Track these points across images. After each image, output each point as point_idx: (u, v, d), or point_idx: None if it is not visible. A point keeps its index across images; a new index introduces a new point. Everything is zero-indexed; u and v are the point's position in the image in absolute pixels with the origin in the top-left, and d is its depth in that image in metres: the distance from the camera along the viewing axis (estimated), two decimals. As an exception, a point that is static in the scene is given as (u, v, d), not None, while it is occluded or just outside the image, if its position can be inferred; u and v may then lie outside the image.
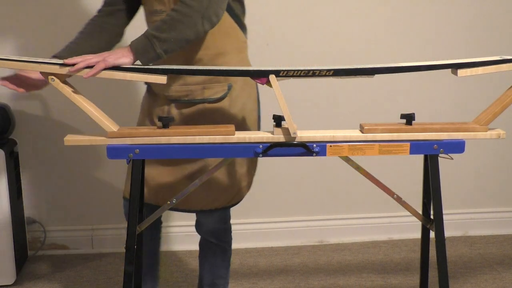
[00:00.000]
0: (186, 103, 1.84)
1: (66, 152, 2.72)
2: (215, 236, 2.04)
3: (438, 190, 1.74)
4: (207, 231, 2.03)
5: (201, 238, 2.08)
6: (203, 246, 2.09)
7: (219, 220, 2.02)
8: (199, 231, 2.05)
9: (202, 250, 2.10)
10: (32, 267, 2.69)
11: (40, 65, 1.59)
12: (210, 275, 2.09)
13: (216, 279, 2.10)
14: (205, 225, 2.01)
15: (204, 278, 2.11)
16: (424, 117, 2.16)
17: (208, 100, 1.83)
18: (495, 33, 2.81)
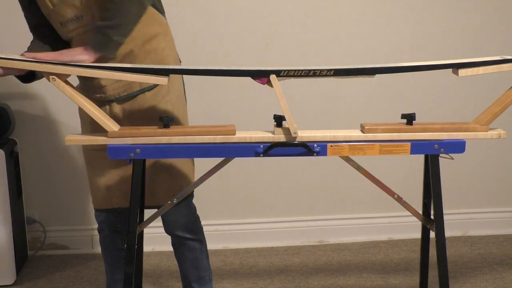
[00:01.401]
0: (126, 98, 1.83)
1: (66, 152, 2.71)
2: (189, 230, 2.02)
3: (438, 190, 1.75)
4: (180, 226, 2.00)
5: (175, 239, 2.05)
6: (179, 245, 2.06)
7: (188, 212, 2.01)
8: (172, 229, 2.02)
9: (179, 250, 2.07)
10: (32, 267, 2.69)
11: (41, 64, 1.59)
12: (194, 270, 2.07)
13: (201, 272, 2.08)
14: (177, 221, 1.99)
15: (189, 276, 2.08)
16: (424, 117, 2.16)
17: (146, 89, 1.84)
18: (495, 33, 2.81)
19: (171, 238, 2.07)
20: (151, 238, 2.80)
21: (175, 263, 2.72)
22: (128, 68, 1.63)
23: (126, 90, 1.82)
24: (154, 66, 1.65)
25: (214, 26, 2.68)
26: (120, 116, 1.84)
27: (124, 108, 1.84)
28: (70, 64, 1.61)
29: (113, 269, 2.10)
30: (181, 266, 2.10)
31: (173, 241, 2.08)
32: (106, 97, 1.83)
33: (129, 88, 1.82)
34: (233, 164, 1.84)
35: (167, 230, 2.04)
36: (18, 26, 2.58)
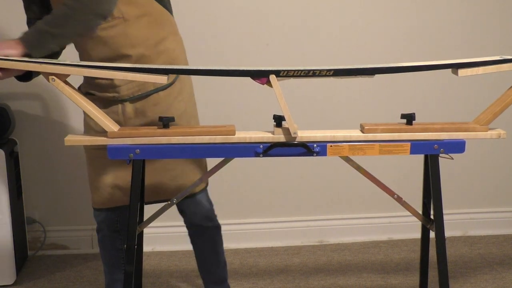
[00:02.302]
0: (139, 98, 1.85)
1: (66, 152, 2.71)
2: (208, 218, 2.07)
3: (438, 190, 1.75)
4: (201, 217, 2.05)
5: (195, 229, 2.09)
6: (199, 234, 2.09)
7: (207, 201, 2.05)
8: (194, 220, 2.05)
9: (199, 239, 2.10)
10: (32, 267, 2.69)
11: (41, 65, 1.59)
12: (214, 255, 2.13)
13: (220, 256, 2.15)
14: (198, 212, 2.04)
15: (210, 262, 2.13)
16: (424, 117, 2.16)
17: (160, 88, 1.86)
18: (495, 33, 2.81)
19: (191, 229, 2.12)
20: (151, 238, 2.81)
21: (175, 263, 2.73)
22: (127, 68, 1.63)
23: (140, 89, 1.84)
24: (154, 65, 1.65)
25: (214, 26, 2.68)
26: (132, 115, 1.85)
27: (136, 107, 1.86)
28: (70, 64, 1.61)
29: (112, 270, 2.11)
30: (201, 254, 2.14)
31: (192, 232, 2.12)
32: (120, 97, 1.84)
33: (143, 88, 1.84)
34: (233, 164, 1.84)
35: (188, 222, 2.09)
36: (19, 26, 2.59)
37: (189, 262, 2.74)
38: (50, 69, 1.60)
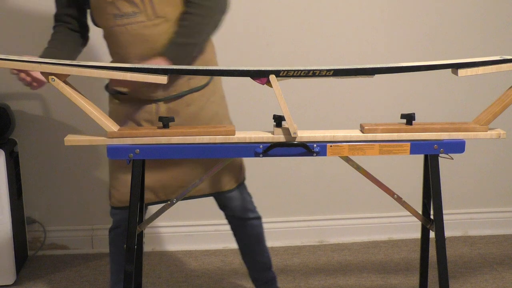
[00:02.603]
0: (174, 98, 1.89)
1: (66, 152, 2.72)
2: (250, 210, 2.12)
3: (438, 190, 1.75)
4: (243, 209, 2.10)
5: (238, 222, 2.13)
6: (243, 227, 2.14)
7: (246, 193, 2.12)
8: (236, 213, 2.10)
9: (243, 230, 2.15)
10: (32, 267, 2.69)
11: (40, 65, 1.59)
12: (258, 245, 2.18)
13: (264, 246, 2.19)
14: (240, 205, 2.09)
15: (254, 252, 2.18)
16: (424, 117, 2.16)
17: (195, 89, 1.91)
18: (495, 33, 2.81)
19: (233, 223, 2.15)
20: (151, 238, 2.81)
21: (175, 263, 2.73)
22: (127, 68, 1.63)
23: (175, 90, 1.88)
24: (153, 66, 1.65)
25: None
26: (164, 115, 1.87)
27: (170, 107, 1.89)
28: (70, 64, 1.61)
29: (121, 269, 2.10)
30: (245, 246, 2.19)
31: (235, 225, 2.16)
32: (155, 96, 1.88)
33: (179, 88, 1.88)
34: (232, 164, 1.84)
35: (230, 217, 2.14)
36: (18, 27, 2.59)
37: (189, 262, 2.74)
38: (50, 69, 1.59)
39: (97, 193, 2.80)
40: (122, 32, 1.82)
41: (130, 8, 1.79)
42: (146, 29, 1.81)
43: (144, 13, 1.80)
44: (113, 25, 1.82)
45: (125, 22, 1.80)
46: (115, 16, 1.81)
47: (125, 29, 1.81)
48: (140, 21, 1.80)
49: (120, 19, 1.81)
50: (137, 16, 1.80)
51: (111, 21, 1.82)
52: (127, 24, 1.81)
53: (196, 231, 2.86)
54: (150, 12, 1.80)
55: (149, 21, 1.80)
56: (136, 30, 1.81)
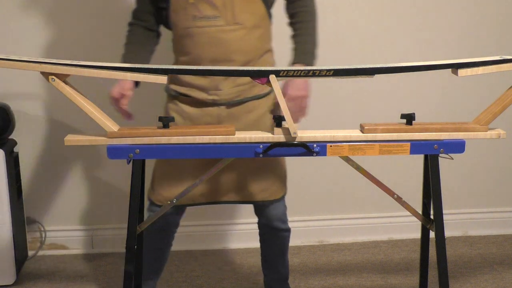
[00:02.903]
0: (237, 103, 1.92)
1: (66, 152, 2.72)
2: (283, 221, 2.14)
3: (438, 190, 1.75)
4: (278, 218, 2.12)
5: (269, 230, 2.15)
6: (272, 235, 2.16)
7: (284, 204, 2.13)
8: (271, 222, 2.12)
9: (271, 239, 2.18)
10: (32, 267, 2.69)
11: (41, 65, 1.59)
12: (281, 257, 2.21)
13: (286, 258, 2.23)
14: (277, 214, 2.11)
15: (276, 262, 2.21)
16: (424, 117, 2.16)
17: (257, 96, 1.95)
18: (495, 33, 2.81)
19: (264, 230, 2.18)
20: (151, 238, 2.80)
21: (175, 263, 2.73)
22: (127, 68, 1.63)
23: (239, 95, 1.92)
24: (153, 65, 1.65)
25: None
26: (226, 119, 1.92)
27: (231, 112, 1.93)
28: (70, 64, 1.61)
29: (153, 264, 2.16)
30: (269, 254, 2.22)
31: (265, 233, 2.19)
32: (218, 100, 1.91)
33: (243, 93, 1.92)
34: (232, 164, 1.84)
35: (263, 224, 2.16)
36: (18, 28, 2.59)
37: (189, 262, 2.74)
38: (50, 69, 1.60)
39: (97, 193, 2.80)
40: (199, 34, 1.85)
41: (211, 12, 1.83)
42: (223, 33, 1.85)
43: (224, 17, 1.84)
44: (191, 26, 1.86)
45: (204, 24, 1.84)
46: (194, 17, 1.84)
47: (202, 31, 1.85)
48: (219, 25, 1.84)
49: (199, 20, 1.84)
50: (217, 20, 1.84)
51: (189, 22, 1.85)
52: (206, 27, 1.84)
53: (196, 231, 2.86)
54: (229, 17, 1.84)
55: (227, 26, 1.84)
56: (213, 33, 1.84)
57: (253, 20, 1.88)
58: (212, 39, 1.85)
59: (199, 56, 1.87)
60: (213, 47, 1.85)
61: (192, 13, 1.84)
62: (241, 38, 1.87)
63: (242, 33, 1.87)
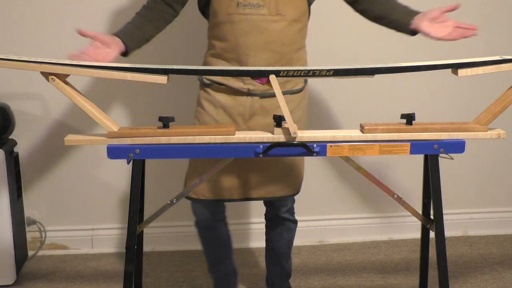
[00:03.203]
0: (270, 95, 1.92)
1: (66, 152, 2.71)
2: (290, 212, 2.20)
3: (438, 190, 1.75)
4: (286, 209, 2.17)
5: (276, 220, 2.19)
6: (279, 225, 2.21)
7: (293, 198, 2.18)
8: (278, 211, 2.16)
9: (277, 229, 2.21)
10: (32, 267, 2.69)
11: (40, 65, 1.59)
12: (286, 249, 2.25)
13: (290, 251, 2.27)
14: (286, 204, 2.16)
15: (281, 254, 2.25)
16: (424, 117, 2.16)
17: (290, 91, 1.96)
18: (495, 33, 2.81)
19: (272, 220, 2.21)
20: (151, 238, 2.81)
21: (175, 263, 2.73)
22: (127, 68, 1.63)
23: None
24: (153, 65, 1.65)
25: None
26: (258, 111, 1.93)
27: (263, 105, 1.93)
28: (70, 64, 1.61)
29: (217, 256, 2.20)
30: (274, 247, 2.25)
31: (273, 223, 2.22)
32: (253, 90, 1.92)
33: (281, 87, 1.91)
34: (232, 164, 1.84)
35: (273, 214, 2.20)
36: (18, 27, 2.59)
37: (189, 262, 2.74)
38: (49, 69, 1.60)
39: (97, 193, 2.80)
40: (241, 21, 1.87)
41: (256, 0, 1.85)
42: (265, 23, 1.86)
43: (268, 7, 1.86)
44: (233, 12, 1.87)
45: (247, 12, 1.86)
46: (238, 4, 1.86)
47: (244, 18, 1.86)
48: (262, 14, 1.86)
49: (242, 8, 1.86)
50: (260, 9, 1.86)
51: (232, 8, 1.87)
52: (248, 14, 1.86)
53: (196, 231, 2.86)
54: (272, 8, 1.86)
55: (270, 16, 1.86)
56: (255, 21, 1.86)
57: (295, 14, 1.90)
58: (253, 27, 1.86)
59: (237, 43, 1.88)
60: (253, 36, 1.87)
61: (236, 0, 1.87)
62: (281, 30, 1.88)
63: (283, 24, 1.88)
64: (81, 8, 2.58)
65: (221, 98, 1.95)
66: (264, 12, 1.86)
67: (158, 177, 2.73)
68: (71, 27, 2.60)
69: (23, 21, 2.58)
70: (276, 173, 2.03)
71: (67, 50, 2.65)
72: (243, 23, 1.86)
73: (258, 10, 1.86)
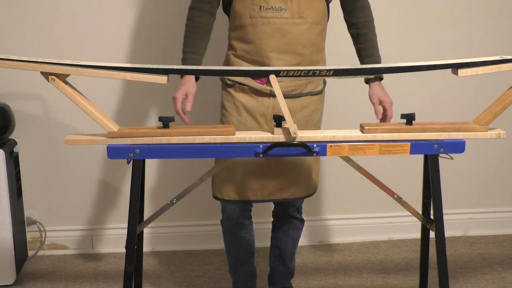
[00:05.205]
0: (291, 96, 1.95)
1: (66, 152, 2.71)
2: (298, 210, 2.23)
3: (438, 190, 1.75)
4: (295, 209, 2.21)
5: (284, 217, 2.22)
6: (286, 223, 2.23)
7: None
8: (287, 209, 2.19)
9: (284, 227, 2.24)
10: (32, 267, 2.69)
11: (41, 65, 1.59)
12: (291, 247, 2.27)
13: (295, 250, 2.29)
14: (295, 203, 2.19)
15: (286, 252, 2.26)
16: (424, 117, 2.16)
17: (311, 93, 2.00)
18: (495, 33, 2.81)
19: (280, 217, 2.23)
20: (151, 238, 2.81)
21: (175, 263, 2.72)
22: (127, 68, 1.63)
23: (296, 89, 1.98)
24: (153, 65, 1.65)
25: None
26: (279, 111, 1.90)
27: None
28: (70, 64, 1.61)
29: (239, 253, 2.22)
30: (280, 246, 2.26)
31: (280, 220, 2.24)
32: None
33: (299, 88, 1.97)
34: (232, 164, 1.84)
35: (281, 211, 2.22)
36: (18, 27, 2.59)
37: (189, 262, 2.74)
38: (50, 69, 1.60)
39: (97, 193, 2.80)
40: (263, 24, 1.89)
41: (279, 3, 1.88)
42: (287, 25, 1.89)
43: (290, 10, 1.89)
44: (256, 15, 1.90)
45: (269, 15, 1.89)
46: (260, 8, 1.88)
47: (267, 21, 1.89)
48: (284, 17, 1.89)
49: (265, 11, 1.89)
50: (283, 12, 1.89)
51: (255, 12, 1.90)
52: (271, 18, 1.89)
53: (196, 231, 2.86)
54: (295, 11, 1.89)
55: (292, 19, 1.90)
56: (278, 24, 1.89)
57: (315, 16, 1.94)
58: (276, 30, 1.89)
59: (261, 46, 1.90)
60: (276, 38, 1.89)
61: (259, 3, 1.89)
62: (304, 32, 1.91)
63: (305, 27, 1.91)
64: (81, 8, 2.58)
65: (243, 98, 1.96)
66: (286, 15, 1.89)
67: (158, 177, 2.73)
68: (71, 27, 2.61)
69: (23, 21, 2.58)
70: (297, 175, 2.04)
71: (67, 50, 2.66)
72: (266, 26, 1.89)
73: (280, 13, 1.89)
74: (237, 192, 2.03)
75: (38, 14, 2.57)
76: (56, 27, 2.58)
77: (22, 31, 2.59)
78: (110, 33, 2.60)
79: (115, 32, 2.61)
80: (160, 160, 2.72)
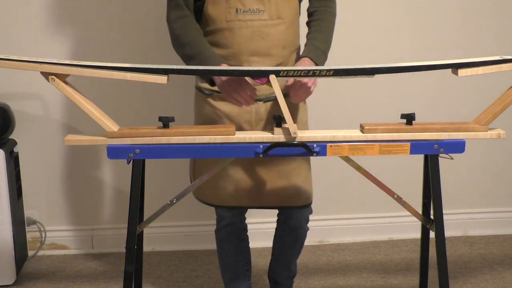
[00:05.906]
0: (273, 99, 1.90)
1: (66, 152, 2.72)
2: (307, 221, 2.13)
3: (438, 190, 1.75)
4: (303, 220, 2.11)
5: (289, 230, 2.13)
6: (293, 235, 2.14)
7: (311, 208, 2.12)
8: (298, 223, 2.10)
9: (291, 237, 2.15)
10: (32, 267, 2.69)
11: (41, 65, 1.59)
12: (295, 254, 2.20)
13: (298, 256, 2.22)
14: (303, 216, 2.09)
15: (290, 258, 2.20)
16: (424, 117, 2.16)
17: None
18: (495, 33, 2.81)
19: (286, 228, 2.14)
20: (151, 238, 2.81)
21: (175, 263, 2.73)
22: (127, 67, 1.63)
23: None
24: (153, 65, 1.65)
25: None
26: (264, 116, 1.90)
27: (268, 109, 1.91)
28: (70, 64, 1.61)
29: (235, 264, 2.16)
30: (284, 250, 2.19)
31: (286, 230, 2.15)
32: (258, 96, 1.88)
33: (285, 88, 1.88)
34: (232, 164, 1.84)
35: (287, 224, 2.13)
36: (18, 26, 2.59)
37: (189, 262, 2.74)
38: (50, 69, 1.60)
39: (97, 193, 2.80)
40: (241, 27, 1.84)
41: (256, 5, 1.83)
42: (266, 27, 1.84)
43: (268, 11, 1.84)
44: (232, 19, 1.84)
45: (247, 18, 1.83)
46: (237, 11, 1.83)
47: (245, 24, 1.83)
48: (263, 19, 1.84)
49: (242, 14, 1.83)
50: (261, 14, 1.84)
51: (231, 15, 1.84)
52: (249, 20, 1.83)
53: (196, 231, 2.86)
54: (273, 11, 1.85)
55: (270, 20, 1.85)
56: (257, 27, 1.84)
57: (292, 15, 1.90)
58: (255, 33, 1.84)
59: (239, 50, 1.85)
60: (255, 41, 1.84)
61: (235, 5, 1.82)
62: (283, 33, 1.87)
63: (283, 28, 1.87)
64: (81, 8, 2.58)
65: (224, 107, 1.90)
66: (265, 17, 1.84)
67: (158, 177, 2.73)
68: (71, 27, 2.61)
69: (23, 21, 2.58)
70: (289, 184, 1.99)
71: (67, 50, 2.66)
72: (244, 30, 1.83)
73: (259, 15, 1.83)
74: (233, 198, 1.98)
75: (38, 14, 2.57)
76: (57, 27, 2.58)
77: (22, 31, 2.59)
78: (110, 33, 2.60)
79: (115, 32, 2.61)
80: (160, 160, 2.73)
